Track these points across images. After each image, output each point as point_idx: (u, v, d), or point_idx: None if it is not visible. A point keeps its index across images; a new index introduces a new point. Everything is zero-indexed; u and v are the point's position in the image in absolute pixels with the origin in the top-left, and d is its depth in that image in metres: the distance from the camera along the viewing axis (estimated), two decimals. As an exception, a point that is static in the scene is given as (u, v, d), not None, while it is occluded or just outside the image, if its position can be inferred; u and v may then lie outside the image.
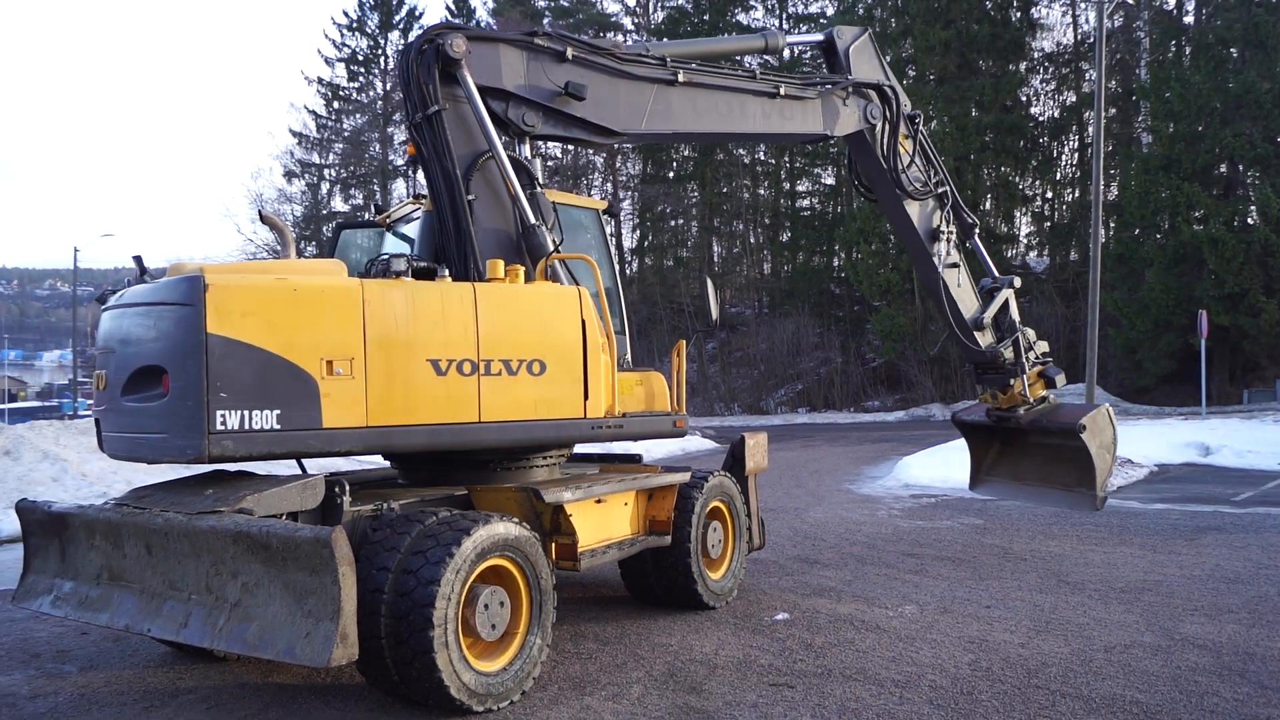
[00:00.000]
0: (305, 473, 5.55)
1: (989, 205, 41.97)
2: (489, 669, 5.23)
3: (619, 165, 50.68)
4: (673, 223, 52.56)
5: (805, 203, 50.52)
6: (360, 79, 53.37)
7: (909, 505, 13.37)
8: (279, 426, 5.02)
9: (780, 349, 44.59)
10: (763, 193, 51.61)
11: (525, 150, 6.85)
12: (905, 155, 9.18)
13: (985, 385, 9.95)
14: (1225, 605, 7.41)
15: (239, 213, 70.05)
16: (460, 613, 5.05)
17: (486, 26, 42.97)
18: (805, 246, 48.84)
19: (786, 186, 51.03)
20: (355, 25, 52.48)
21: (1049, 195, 44.85)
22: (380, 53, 52.85)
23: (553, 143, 7.23)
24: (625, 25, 54.54)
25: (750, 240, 51.74)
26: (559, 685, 5.69)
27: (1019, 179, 42.31)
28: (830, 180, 48.16)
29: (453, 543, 5.02)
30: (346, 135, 53.26)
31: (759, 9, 51.60)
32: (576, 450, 7.66)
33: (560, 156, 48.70)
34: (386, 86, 51.92)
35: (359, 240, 8.10)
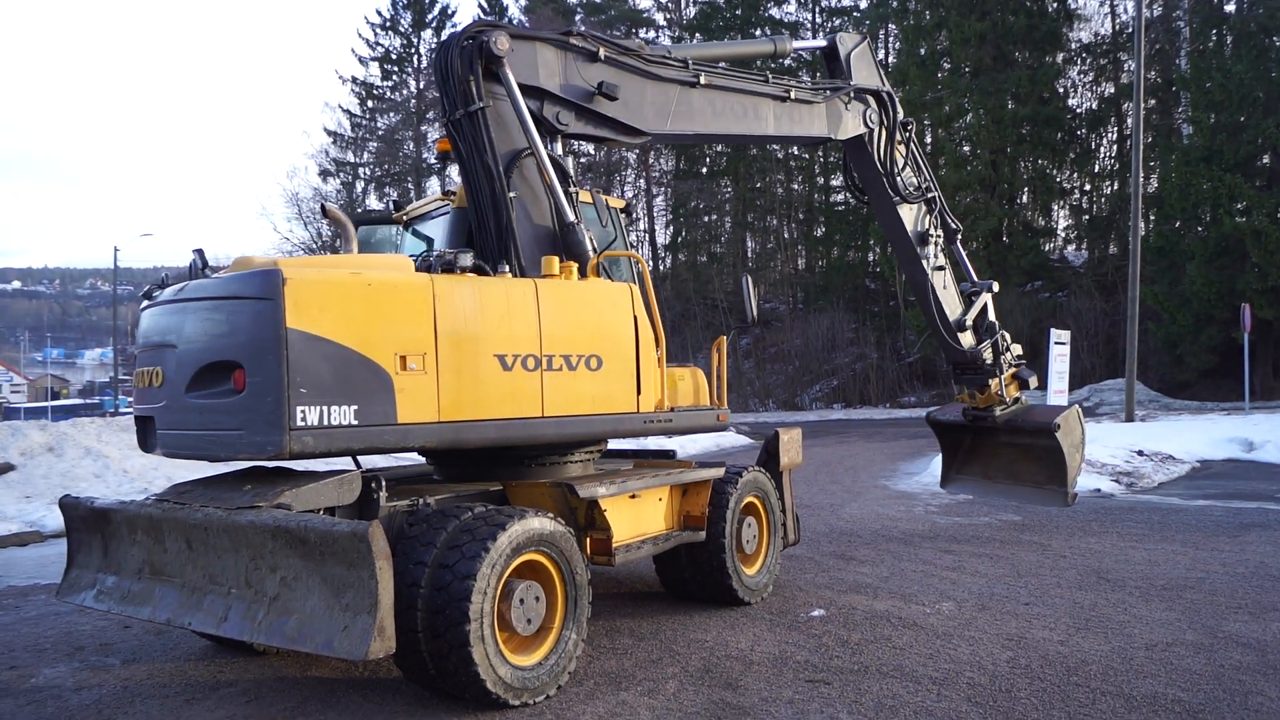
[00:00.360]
0: (360, 467, 5.59)
1: (1026, 198, 41.58)
2: (524, 663, 5.24)
3: (651, 161, 50.66)
4: (706, 218, 52.52)
5: (839, 197, 50.21)
6: (394, 77, 53.76)
7: (946, 501, 13.25)
8: (356, 422, 5.04)
9: (815, 345, 44.43)
10: (796, 187, 51.44)
11: (558, 148, 6.87)
12: (900, 160, 9.48)
13: (964, 385, 10.32)
14: (1270, 603, 7.28)
15: (275, 211, 70.74)
16: (496, 607, 5.06)
17: (519, 24, 43.08)
18: (840, 241, 48.62)
19: (820, 181, 50.81)
20: (388, 24, 52.88)
21: (1087, 188, 44.30)
22: (413, 51, 53.20)
23: (579, 141, 7.24)
24: (657, 21, 54.60)
25: (784, 235, 51.57)
26: (594, 680, 5.69)
27: (1056, 172, 41.84)
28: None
29: (488, 538, 5.04)
30: (381, 134, 53.66)
31: (791, 2, 51.40)
32: (610, 445, 7.68)
33: (593, 154, 48.79)
34: (420, 85, 52.24)
35: (376, 237, 8.15)
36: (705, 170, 50.37)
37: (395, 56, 53.31)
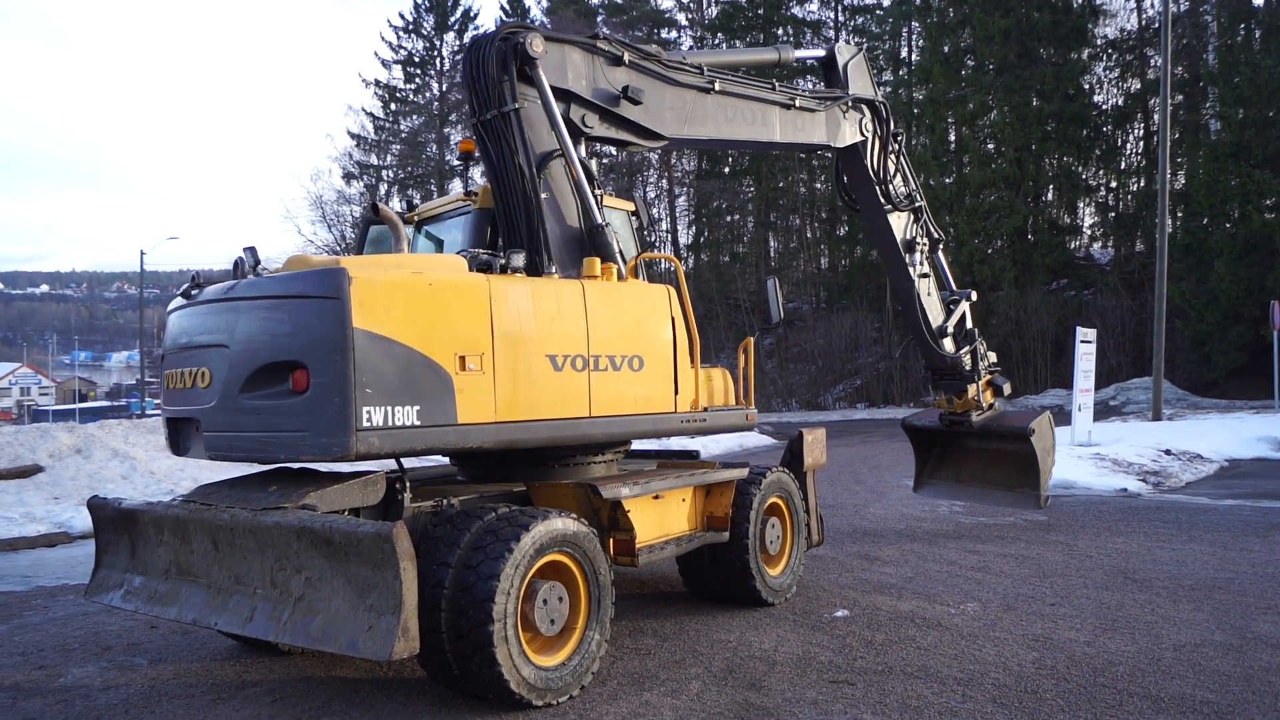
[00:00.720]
0: (402, 469, 5.61)
1: (1051, 196, 41.25)
2: (548, 664, 5.25)
3: (674, 161, 50.62)
4: (729, 218, 52.39)
5: (862, 196, 49.95)
6: (417, 80, 53.88)
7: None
8: (419, 423, 5.05)
9: (838, 344, 44.24)
10: (819, 186, 51.22)
11: (581, 151, 6.88)
12: (891, 168, 9.71)
13: (942, 390, 10.52)
14: (1301, 603, 7.21)
15: (299, 214, 71.15)
16: (519, 608, 5.07)
17: (542, 25, 43.16)
18: (863, 240, 48.31)
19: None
20: (411, 27, 53.03)
21: (1113, 185, 43.91)
22: (436, 54, 53.33)
23: (600, 144, 7.27)
24: (679, 21, 54.50)
25: (807, 235, 51.41)
26: (618, 681, 5.70)
27: (1082, 169, 41.46)
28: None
29: (512, 538, 5.05)
30: (404, 136, 53.81)
31: (814, 2, 51.18)
32: (634, 446, 7.69)
33: (615, 154, 48.78)
34: (442, 87, 52.38)
35: (387, 237, 8.17)
36: (727, 170, 50.24)
37: (418, 59, 53.46)
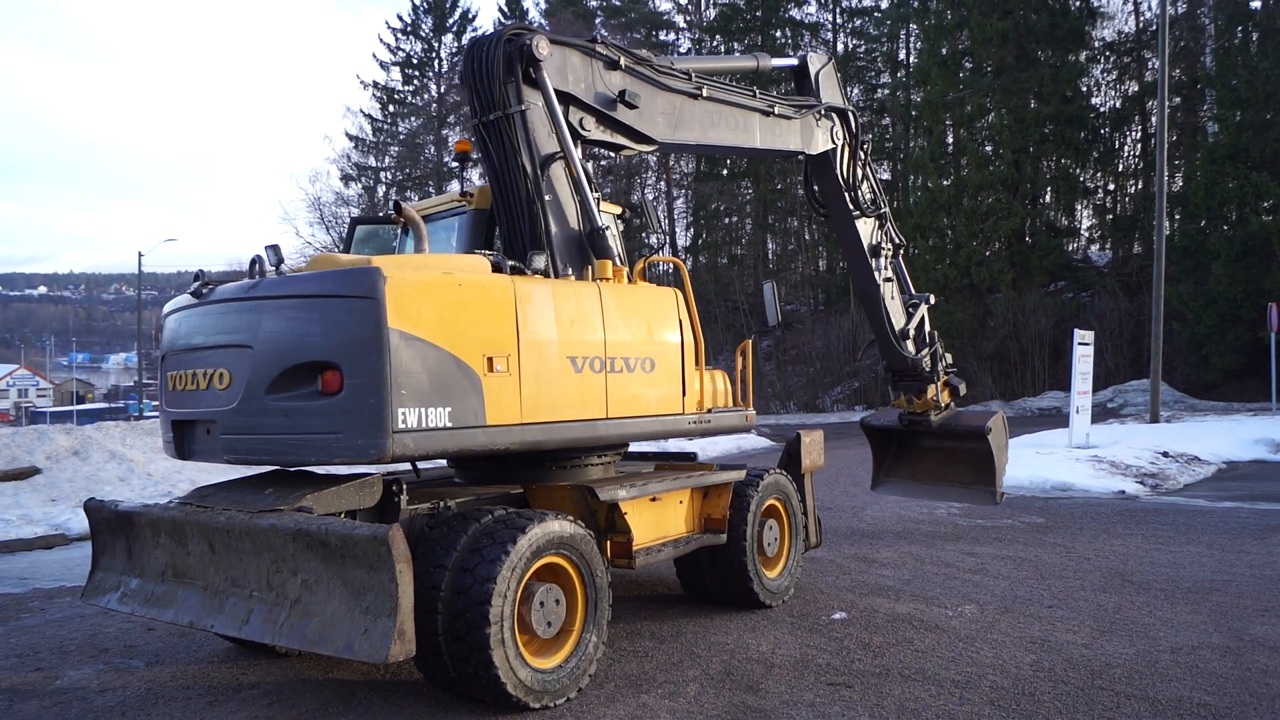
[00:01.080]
0: (418, 473, 5.57)
1: (1049, 198, 41.22)
2: (545, 666, 5.25)
3: (672, 163, 50.60)
4: (727, 220, 52.35)
5: (861, 198, 49.93)
6: (415, 82, 53.89)
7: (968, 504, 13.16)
8: (450, 424, 5.04)
9: (836, 346, 44.20)
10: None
11: (578, 154, 6.87)
12: (860, 176, 9.89)
13: (901, 391, 10.66)
14: (1298, 606, 7.21)
15: (297, 216, 71.16)
16: (516, 610, 5.07)
17: (540, 27, 43.14)
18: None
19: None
20: (409, 29, 53.05)
21: (1111, 187, 43.88)
22: (434, 56, 53.35)
23: (593, 148, 7.28)
24: (677, 23, 54.44)
25: (805, 237, 51.31)
26: (615, 683, 5.69)
27: (1080, 171, 41.42)
28: (886, 175, 47.59)
29: (508, 541, 5.04)
30: (402, 138, 53.82)
31: (812, 3, 51.15)
32: (631, 448, 7.69)
33: (613, 157, 48.74)
34: (440, 89, 52.39)
35: (371, 236, 8.19)
36: (725, 172, 50.23)
37: (416, 61, 53.47)
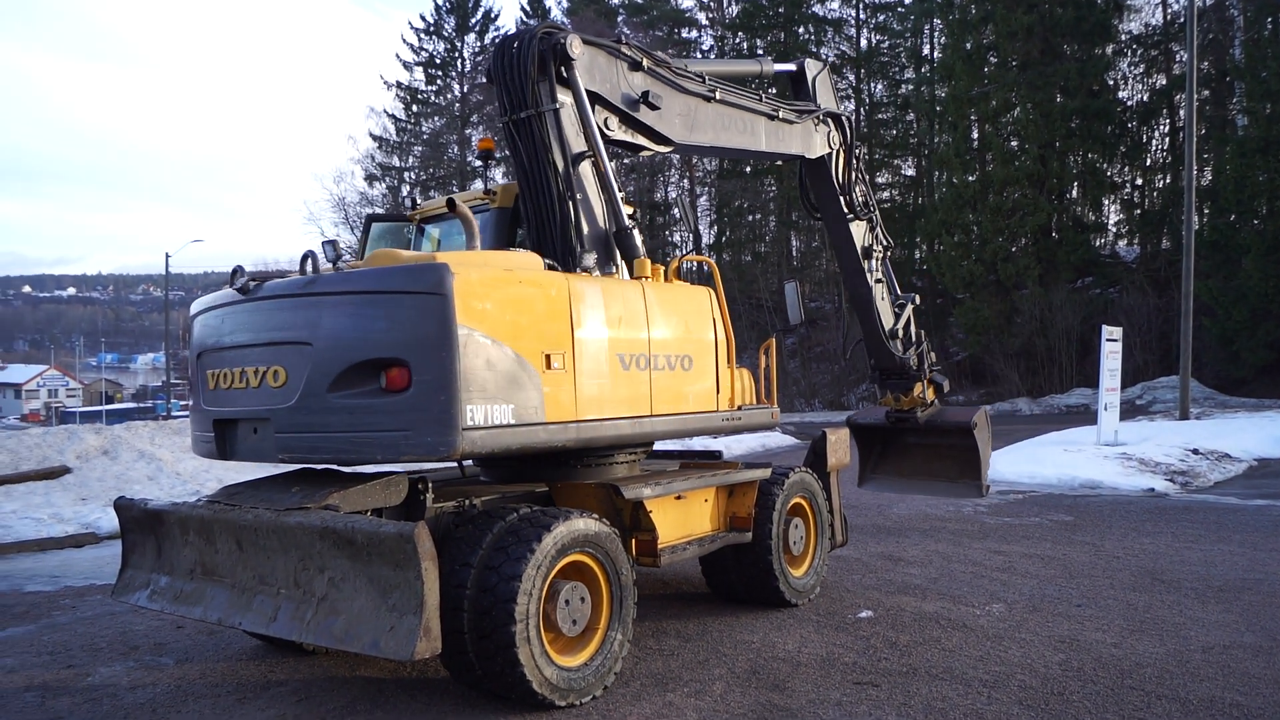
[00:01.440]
0: (463, 473, 5.58)
1: (1076, 193, 40.85)
2: (570, 664, 5.25)
3: (695, 161, 50.56)
4: (750, 218, 52.25)
5: (885, 194, 49.73)
6: (438, 82, 54.15)
7: (996, 501, 13.09)
8: (514, 421, 5.05)
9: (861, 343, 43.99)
10: (841, 186, 50.97)
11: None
12: (853, 179, 9.99)
13: (889, 389, 10.82)
14: (1333, 604, 7.11)
15: (321, 217, 71.61)
16: (541, 608, 5.07)
17: (564, 25, 43.19)
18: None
19: (866, 178, 50.30)
20: (432, 29, 53.28)
21: (1139, 182, 43.42)
22: (457, 55, 53.55)
23: (613, 148, 7.29)
24: (700, 20, 54.39)
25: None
26: (641, 681, 5.68)
27: (1107, 166, 41.01)
28: (911, 171, 47.39)
29: (534, 539, 5.04)
30: (425, 138, 54.06)
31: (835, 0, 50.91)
32: (656, 446, 7.69)
33: (637, 156, 48.71)
34: (464, 89, 52.55)
35: (389, 234, 8.20)
36: (749, 170, 50.11)
37: (439, 61, 53.72)
